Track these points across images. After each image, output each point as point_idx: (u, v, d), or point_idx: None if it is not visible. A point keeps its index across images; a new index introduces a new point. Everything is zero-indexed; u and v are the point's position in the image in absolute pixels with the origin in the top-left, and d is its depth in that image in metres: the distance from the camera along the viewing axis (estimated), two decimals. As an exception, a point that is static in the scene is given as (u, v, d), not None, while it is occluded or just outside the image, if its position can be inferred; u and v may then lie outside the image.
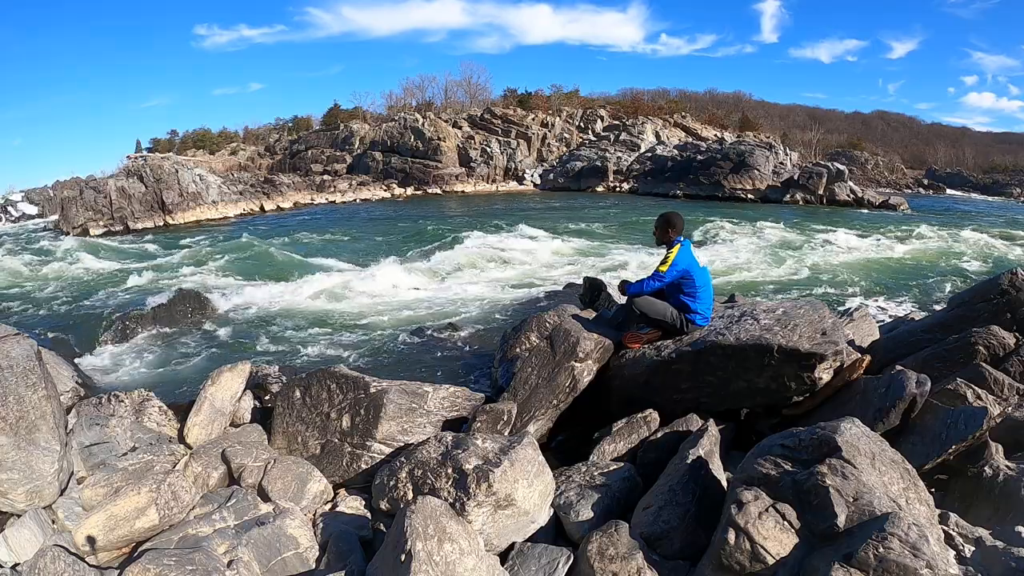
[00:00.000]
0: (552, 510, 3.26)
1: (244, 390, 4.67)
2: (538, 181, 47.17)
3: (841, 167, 37.92)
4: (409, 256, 17.25)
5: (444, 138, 46.63)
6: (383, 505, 3.38)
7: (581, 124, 53.78)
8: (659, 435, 3.93)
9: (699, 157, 42.26)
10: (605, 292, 7.16)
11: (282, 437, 4.21)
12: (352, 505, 3.66)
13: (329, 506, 3.67)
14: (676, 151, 45.76)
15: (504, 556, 2.99)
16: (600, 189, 44.39)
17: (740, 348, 3.96)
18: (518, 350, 5.79)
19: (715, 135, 55.03)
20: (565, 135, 51.64)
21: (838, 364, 3.88)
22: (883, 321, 7.95)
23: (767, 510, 2.49)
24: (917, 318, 6.82)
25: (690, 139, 52.37)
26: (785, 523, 2.46)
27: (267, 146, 57.01)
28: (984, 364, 4.12)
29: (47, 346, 7.07)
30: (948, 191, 62.28)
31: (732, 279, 13.80)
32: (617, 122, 53.39)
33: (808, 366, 3.78)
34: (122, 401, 4.42)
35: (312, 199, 38.69)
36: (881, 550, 2.14)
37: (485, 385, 6.11)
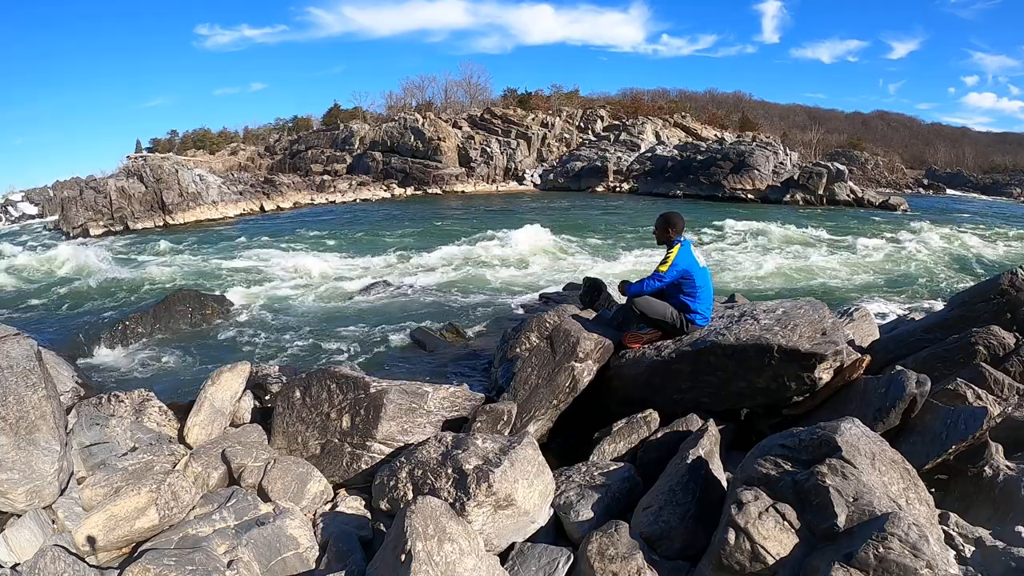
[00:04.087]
0: (552, 510, 3.25)
1: (244, 390, 4.66)
2: (538, 181, 47.16)
3: (841, 167, 37.94)
4: (409, 256, 17.25)
5: (444, 138, 46.61)
6: (383, 505, 3.37)
7: (581, 124, 53.76)
8: (659, 435, 3.93)
9: (699, 157, 42.25)
10: (605, 292, 7.14)
11: (282, 437, 4.20)
12: (352, 505, 3.65)
13: (329, 506, 3.66)
14: (676, 151, 45.74)
15: (504, 556, 2.99)
16: (600, 189, 44.37)
17: (740, 348, 3.96)
18: (518, 350, 5.78)
19: (715, 135, 54.98)
20: (565, 135, 51.62)
21: (838, 364, 3.87)
22: (883, 321, 7.94)
23: (767, 510, 2.49)
24: (917, 318, 6.81)
25: (690, 139, 52.35)
26: (785, 523, 2.46)
27: (267, 146, 56.96)
28: (984, 364, 4.11)
29: (47, 346, 7.05)
30: (948, 191, 62.28)
31: (732, 279, 13.81)
32: (617, 122, 53.36)
33: (808, 366, 3.78)
34: (122, 401, 4.41)
35: (312, 199, 38.69)
36: (881, 550, 2.14)
37: (485, 385, 6.10)
